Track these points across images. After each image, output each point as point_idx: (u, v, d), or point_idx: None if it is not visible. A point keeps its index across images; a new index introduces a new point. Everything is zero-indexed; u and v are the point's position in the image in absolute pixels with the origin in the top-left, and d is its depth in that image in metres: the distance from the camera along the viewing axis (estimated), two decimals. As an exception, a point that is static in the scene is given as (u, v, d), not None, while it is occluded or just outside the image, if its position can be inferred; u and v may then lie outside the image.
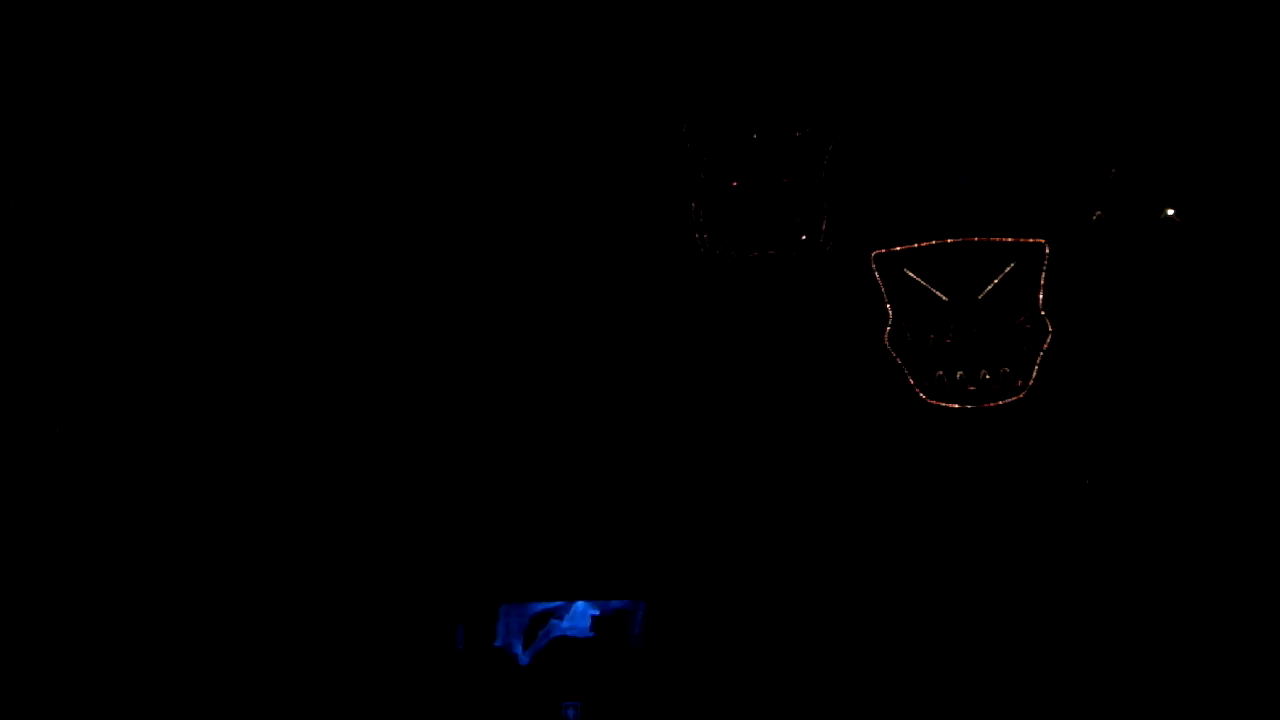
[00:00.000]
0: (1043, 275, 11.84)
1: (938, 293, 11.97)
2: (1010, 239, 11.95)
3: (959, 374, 11.74)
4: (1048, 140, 12.16)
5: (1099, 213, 11.95)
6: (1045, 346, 11.73)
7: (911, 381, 11.79)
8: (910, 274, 12.02)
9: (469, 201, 14.25)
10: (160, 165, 14.48)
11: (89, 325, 13.90)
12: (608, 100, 12.86)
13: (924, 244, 12.02)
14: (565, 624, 13.61)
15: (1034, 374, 11.70)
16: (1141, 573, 11.39)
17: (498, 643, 13.51)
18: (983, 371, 11.73)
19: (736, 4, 13.02)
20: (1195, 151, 11.97)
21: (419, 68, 15.29)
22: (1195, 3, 12.08)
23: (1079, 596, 11.43)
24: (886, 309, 11.94)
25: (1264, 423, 11.58)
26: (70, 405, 14.03)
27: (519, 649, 13.53)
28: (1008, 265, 11.92)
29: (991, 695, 11.31)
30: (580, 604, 13.62)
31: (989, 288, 11.90)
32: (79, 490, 12.86)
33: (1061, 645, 11.34)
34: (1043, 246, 11.89)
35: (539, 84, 13.88)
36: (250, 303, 14.57)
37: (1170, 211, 11.52)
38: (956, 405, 11.72)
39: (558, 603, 13.58)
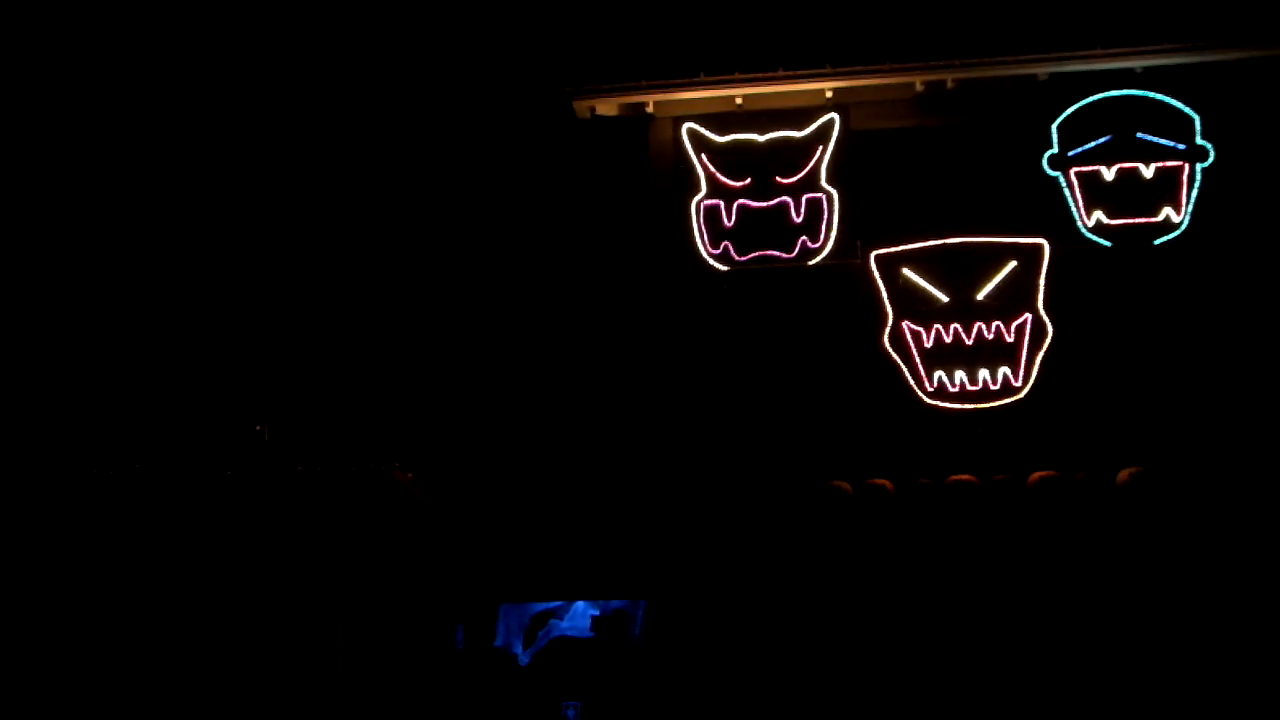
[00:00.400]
0: (1043, 275, 11.84)
1: (938, 293, 11.96)
2: (1010, 239, 11.95)
3: (959, 374, 11.72)
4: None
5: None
6: (1045, 346, 11.72)
7: (911, 382, 11.78)
8: (910, 274, 12.00)
9: (467, 210, 14.29)
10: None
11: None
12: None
13: (924, 244, 12.02)
14: (565, 624, 13.62)
15: (1034, 374, 11.69)
16: (1143, 573, 11.39)
17: (498, 643, 13.52)
18: (983, 371, 11.71)
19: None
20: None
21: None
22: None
23: (1079, 595, 11.44)
24: (886, 310, 11.93)
25: (1264, 422, 11.58)
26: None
27: (519, 649, 13.53)
28: (1008, 265, 11.91)
29: (990, 694, 11.30)
30: (580, 604, 13.62)
31: (989, 287, 11.90)
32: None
33: (1063, 645, 11.35)
34: (1042, 246, 11.89)
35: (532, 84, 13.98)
36: (246, 302, 14.59)
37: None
38: (956, 405, 11.70)
39: (558, 603, 13.59)
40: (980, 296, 11.86)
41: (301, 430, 13.84)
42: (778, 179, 12.33)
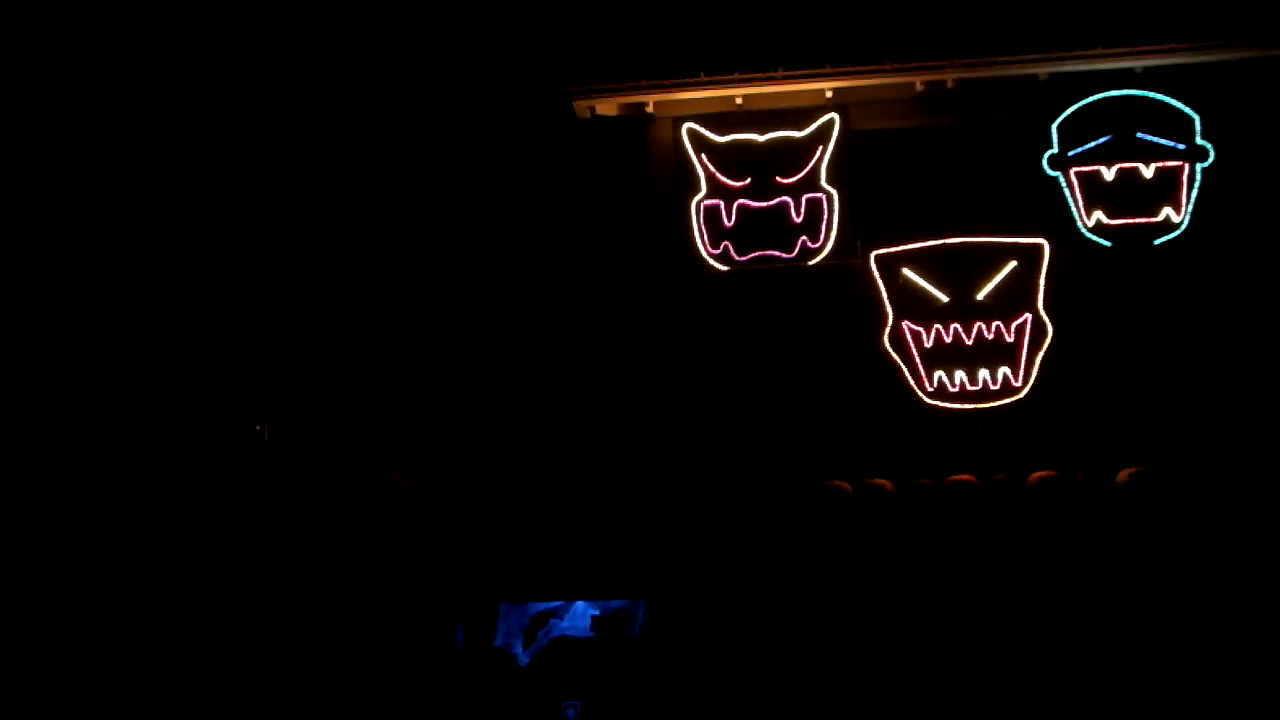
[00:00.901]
0: (1043, 275, 11.83)
1: (938, 293, 11.96)
2: (1010, 239, 11.95)
3: (959, 374, 11.72)
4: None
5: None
6: (1045, 346, 11.72)
7: (911, 382, 11.78)
8: (910, 274, 12.00)
9: (467, 210, 14.29)
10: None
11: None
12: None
13: (924, 244, 12.02)
14: (565, 624, 13.61)
15: (1034, 374, 11.69)
16: (1143, 573, 11.39)
17: (498, 643, 13.52)
18: (983, 371, 11.71)
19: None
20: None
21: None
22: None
23: (1079, 595, 11.44)
24: (886, 310, 11.93)
25: (1264, 422, 11.58)
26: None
27: (519, 649, 13.53)
28: (1008, 265, 11.91)
29: (990, 694, 11.30)
30: (580, 604, 13.61)
31: (989, 287, 11.89)
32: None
33: (1063, 644, 11.35)
34: (1043, 246, 11.88)
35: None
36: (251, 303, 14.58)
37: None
38: (956, 405, 11.70)
39: (558, 603, 13.58)
40: (980, 296, 11.86)
41: (301, 430, 13.84)
42: (778, 179, 12.33)
